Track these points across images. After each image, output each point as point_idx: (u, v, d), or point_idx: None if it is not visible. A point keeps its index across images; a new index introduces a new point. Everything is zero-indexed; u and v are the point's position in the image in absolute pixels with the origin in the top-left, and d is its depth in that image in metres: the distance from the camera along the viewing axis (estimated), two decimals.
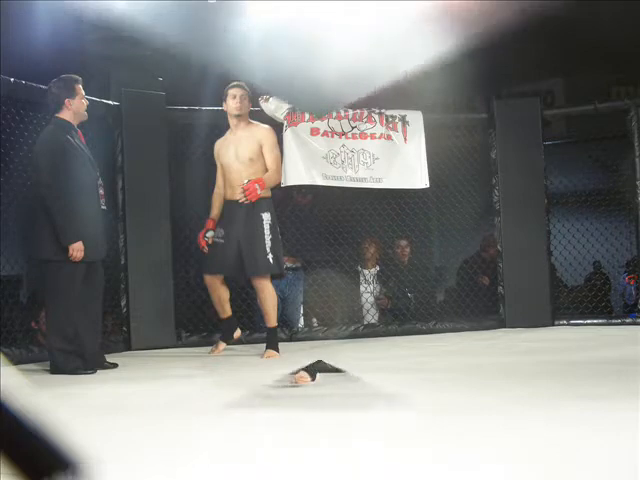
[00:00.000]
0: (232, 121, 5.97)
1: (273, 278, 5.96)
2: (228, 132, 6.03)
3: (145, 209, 6.52)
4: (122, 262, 6.44)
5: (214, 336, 6.60)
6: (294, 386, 5.53)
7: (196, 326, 6.80)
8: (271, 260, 5.76)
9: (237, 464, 2.76)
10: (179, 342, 6.61)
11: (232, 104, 5.89)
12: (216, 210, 6.05)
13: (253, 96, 6.10)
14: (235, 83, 5.93)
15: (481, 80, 7.60)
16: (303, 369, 4.98)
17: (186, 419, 4.19)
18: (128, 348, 6.39)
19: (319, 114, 6.64)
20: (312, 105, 6.38)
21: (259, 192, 5.67)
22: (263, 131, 5.96)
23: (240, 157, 5.86)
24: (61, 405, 3.94)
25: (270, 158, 5.86)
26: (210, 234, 5.96)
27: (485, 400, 3.83)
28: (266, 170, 5.85)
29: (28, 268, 6.88)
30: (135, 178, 6.50)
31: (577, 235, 7.76)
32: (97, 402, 4.25)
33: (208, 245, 5.96)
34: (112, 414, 3.84)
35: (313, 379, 5.69)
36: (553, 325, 7.25)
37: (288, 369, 5.03)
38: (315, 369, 5.01)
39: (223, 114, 6.07)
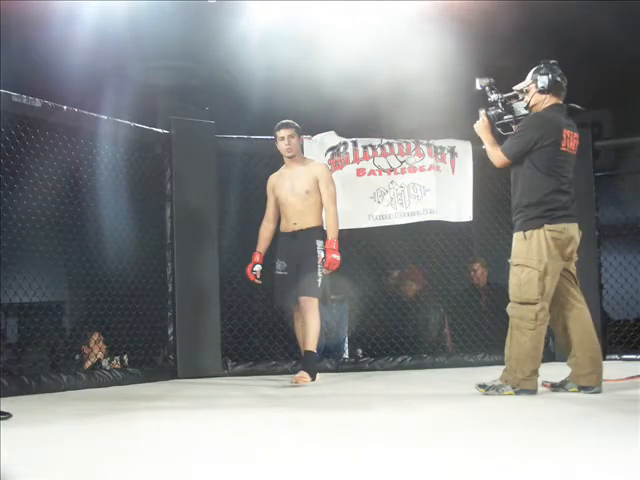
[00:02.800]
0: (286, 160, 6.07)
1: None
2: (283, 167, 6.12)
3: (193, 237, 6.55)
4: (169, 290, 6.46)
5: (260, 365, 6.66)
6: (294, 386, 5.59)
7: (242, 355, 6.78)
8: (319, 284, 5.79)
9: (237, 464, 2.78)
10: (225, 371, 6.61)
11: (282, 146, 6.00)
12: (263, 244, 6.12)
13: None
14: (281, 123, 6.00)
15: None
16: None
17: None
18: (174, 376, 6.38)
19: None
20: None
21: (337, 257, 5.79)
22: (319, 167, 6.10)
23: (296, 190, 5.95)
24: None
25: (326, 194, 5.95)
26: (258, 268, 6.01)
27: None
28: (320, 204, 5.97)
29: (70, 294, 6.95)
30: (183, 206, 6.53)
31: (629, 268, 7.62)
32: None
33: (274, 279, 6.04)
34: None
35: (313, 379, 5.74)
36: (605, 360, 7.10)
37: None
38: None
39: (272, 143, 6.12)
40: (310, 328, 5.75)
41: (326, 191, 5.96)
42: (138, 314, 6.31)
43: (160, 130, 6.54)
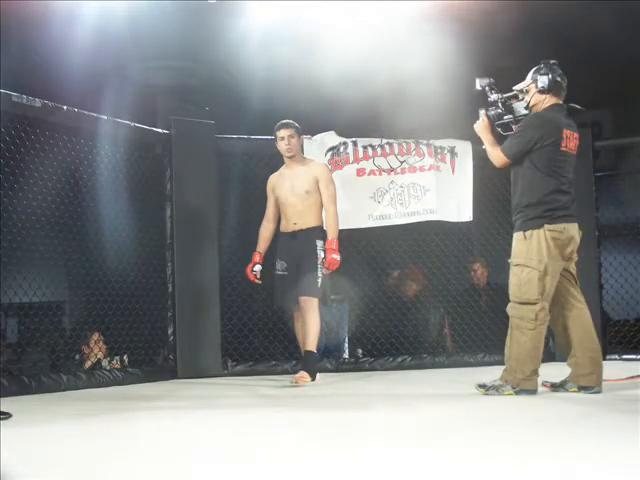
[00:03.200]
0: (286, 160, 6.05)
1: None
2: (283, 167, 6.11)
3: (193, 237, 6.55)
4: (169, 290, 6.46)
5: (260, 365, 6.68)
6: (294, 386, 5.59)
7: (242, 355, 6.78)
8: (319, 284, 5.79)
9: (237, 464, 2.78)
10: (225, 371, 6.61)
11: (282, 146, 5.99)
12: (263, 244, 6.12)
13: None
14: (282, 123, 5.99)
15: None
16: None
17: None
18: (174, 376, 6.38)
19: None
20: None
21: (337, 257, 5.77)
22: (319, 167, 6.10)
23: (296, 190, 5.95)
24: None
25: (326, 194, 5.95)
26: (258, 268, 6.01)
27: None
28: (320, 204, 5.96)
29: (70, 294, 6.95)
30: (183, 206, 6.53)
31: (629, 268, 7.61)
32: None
33: (274, 279, 6.03)
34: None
35: (313, 379, 5.74)
36: (605, 360, 7.10)
37: None
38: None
39: (272, 143, 6.12)
40: (310, 328, 5.75)
41: (326, 191, 5.96)
42: (138, 314, 6.31)
43: (160, 130, 6.54)
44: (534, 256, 4.68)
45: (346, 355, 7.38)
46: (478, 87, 5.02)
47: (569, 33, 6.73)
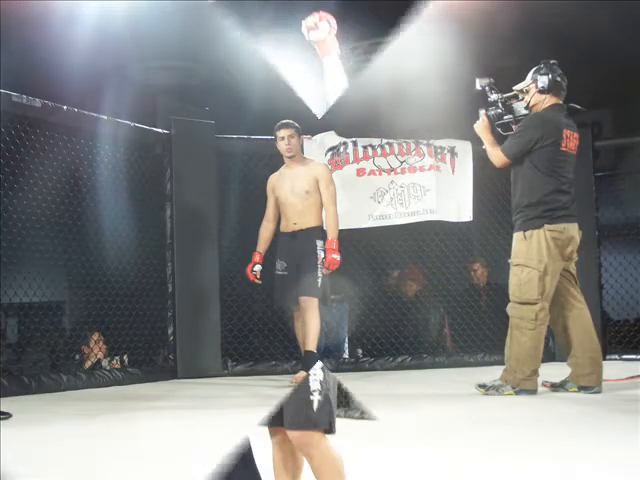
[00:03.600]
0: (286, 160, 6.04)
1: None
2: (283, 167, 6.09)
3: (193, 237, 6.55)
4: (169, 290, 6.46)
5: (260, 365, 6.69)
6: (294, 386, 5.58)
7: (242, 355, 6.78)
8: (319, 284, 5.78)
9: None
10: (225, 371, 6.61)
11: (282, 146, 5.96)
12: (263, 244, 6.09)
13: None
14: (281, 123, 5.97)
15: None
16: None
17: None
18: (174, 376, 6.38)
19: None
20: None
21: (337, 257, 5.75)
22: (319, 167, 6.09)
23: (296, 190, 5.93)
24: None
25: (326, 194, 5.93)
26: (258, 268, 5.99)
27: None
28: (320, 204, 5.94)
29: (70, 294, 6.95)
30: (183, 206, 6.53)
31: (629, 268, 7.61)
32: None
33: (274, 279, 6.01)
34: None
35: None
36: (605, 360, 7.10)
37: None
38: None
39: (272, 143, 6.11)
40: (310, 328, 5.74)
41: (326, 191, 5.95)
42: (138, 314, 6.31)
43: (160, 130, 6.55)
44: (534, 256, 4.68)
45: (346, 355, 7.38)
46: (478, 87, 5.03)
47: (569, 33, 6.72)
